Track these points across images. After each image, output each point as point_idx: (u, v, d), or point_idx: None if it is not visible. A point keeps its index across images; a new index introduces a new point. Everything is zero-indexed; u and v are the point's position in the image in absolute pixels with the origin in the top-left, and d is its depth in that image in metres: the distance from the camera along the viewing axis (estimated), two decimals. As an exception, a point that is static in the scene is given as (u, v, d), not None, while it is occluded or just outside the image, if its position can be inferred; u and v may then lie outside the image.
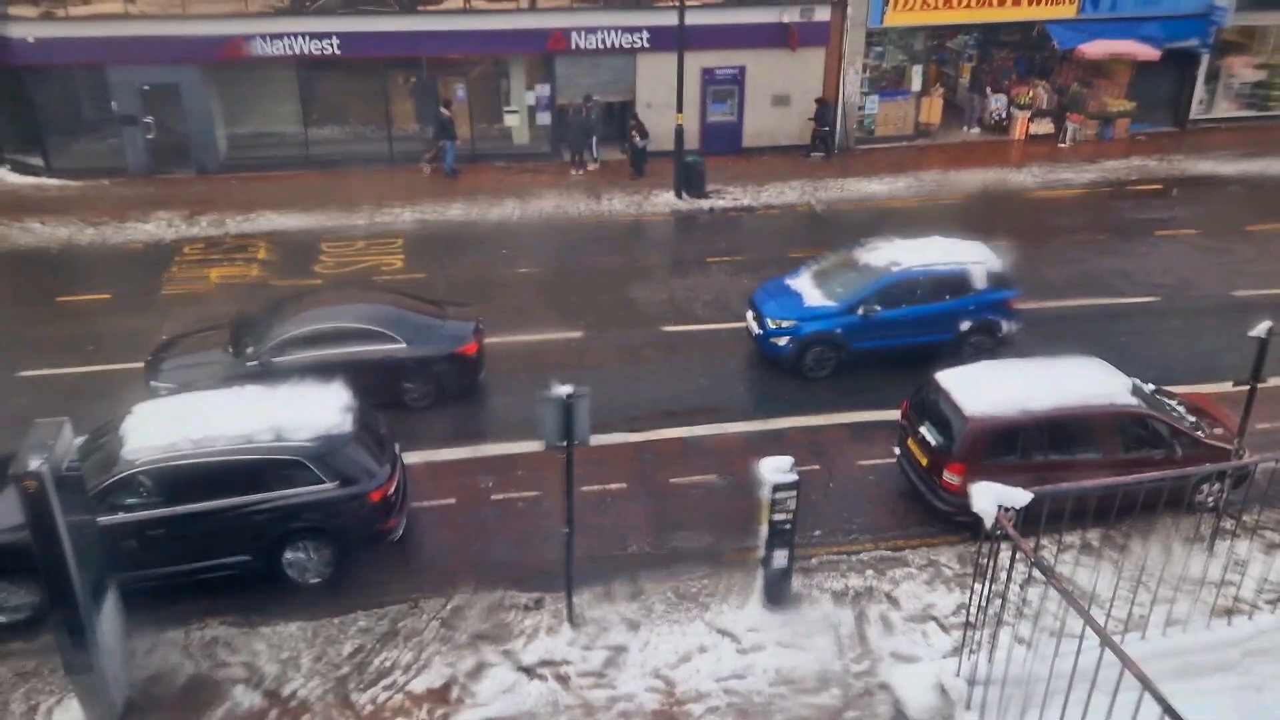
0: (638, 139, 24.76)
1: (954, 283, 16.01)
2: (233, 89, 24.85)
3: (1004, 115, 27.88)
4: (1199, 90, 28.14)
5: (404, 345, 14.73)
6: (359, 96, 25.60)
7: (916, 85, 27.32)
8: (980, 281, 15.98)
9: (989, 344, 16.09)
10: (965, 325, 15.96)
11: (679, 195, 23.51)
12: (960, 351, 15.93)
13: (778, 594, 11.17)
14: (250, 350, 14.49)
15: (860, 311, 15.71)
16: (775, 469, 10.74)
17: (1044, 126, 27.77)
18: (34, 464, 8.57)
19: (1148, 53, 26.21)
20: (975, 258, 16.19)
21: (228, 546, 11.30)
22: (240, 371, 14.11)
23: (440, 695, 10.16)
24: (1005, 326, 16.15)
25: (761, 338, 16.20)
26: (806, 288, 16.41)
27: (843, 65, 26.04)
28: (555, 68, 25.27)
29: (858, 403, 15.33)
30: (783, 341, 15.85)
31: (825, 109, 25.83)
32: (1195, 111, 28.38)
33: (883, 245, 16.78)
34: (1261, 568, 10.51)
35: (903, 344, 15.86)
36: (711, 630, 10.95)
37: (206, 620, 11.07)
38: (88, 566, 9.29)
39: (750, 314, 16.66)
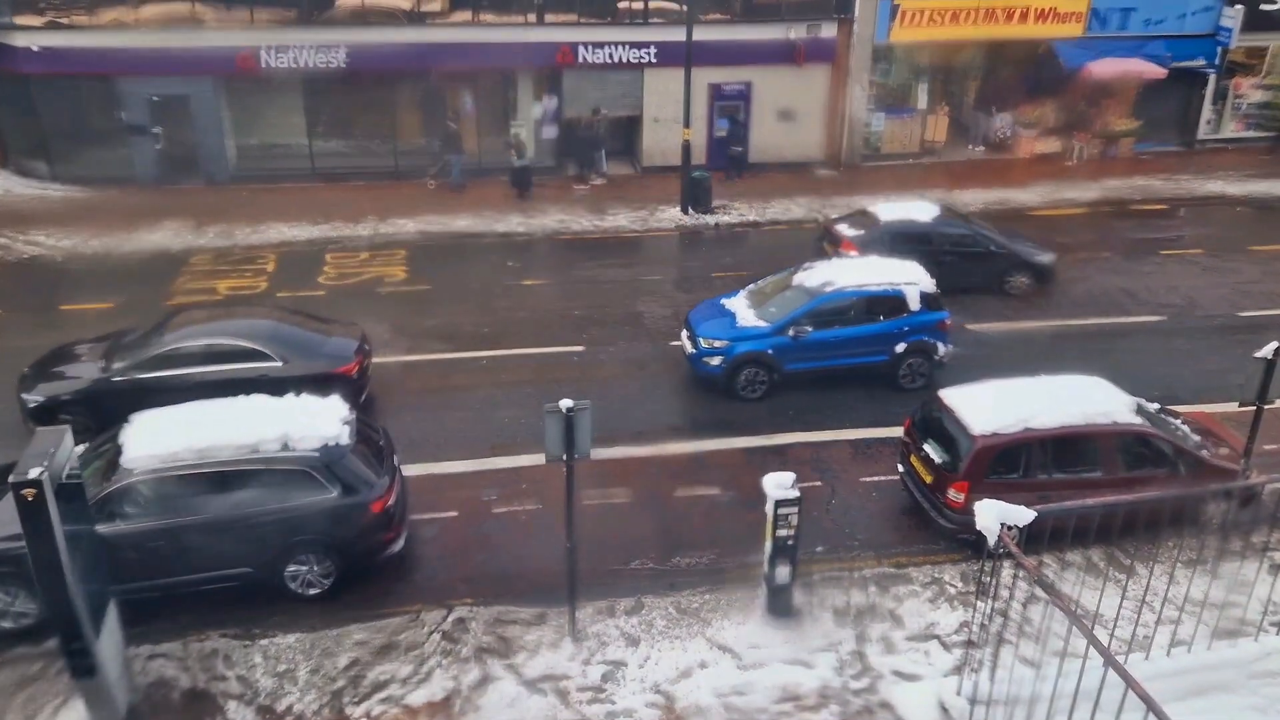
0: (515, 157, 24.31)
1: (887, 304, 15.90)
2: (242, 100, 24.96)
3: (1009, 134, 27.91)
4: (1206, 110, 28.16)
5: (279, 364, 14.17)
6: (366, 109, 25.71)
7: (923, 103, 27.38)
8: (914, 303, 15.88)
9: (926, 367, 16.04)
10: (900, 347, 15.86)
11: (685, 210, 23.55)
12: (896, 374, 15.94)
13: (780, 609, 11.12)
14: (119, 366, 14.12)
15: (791, 332, 15.60)
16: (778, 485, 10.72)
17: (1050, 145, 27.80)
18: (34, 472, 8.55)
19: (1153, 71, 26.25)
20: (909, 279, 16.06)
21: (230, 558, 11.27)
22: (106, 388, 13.82)
23: (441, 708, 10.11)
24: (942, 349, 16.06)
25: (694, 357, 16.00)
26: (741, 308, 16.28)
27: (849, 82, 26.12)
28: (563, 81, 25.36)
29: (850, 420, 15.32)
30: (715, 361, 15.70)
31: (736, 127, 25.63)
32: (1203, 131, 28.41)
33: (819, 265, 16.75)
34: (1266, 589, 10.45)
35: (837, 365, 15.80)
36: (712, 646, 10.90)
37: (206, 632, 11.04)
38: (87, 576, 9.26)
39: (685, 333, 16.45)
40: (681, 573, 12.14)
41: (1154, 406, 13.21)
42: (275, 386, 12.99)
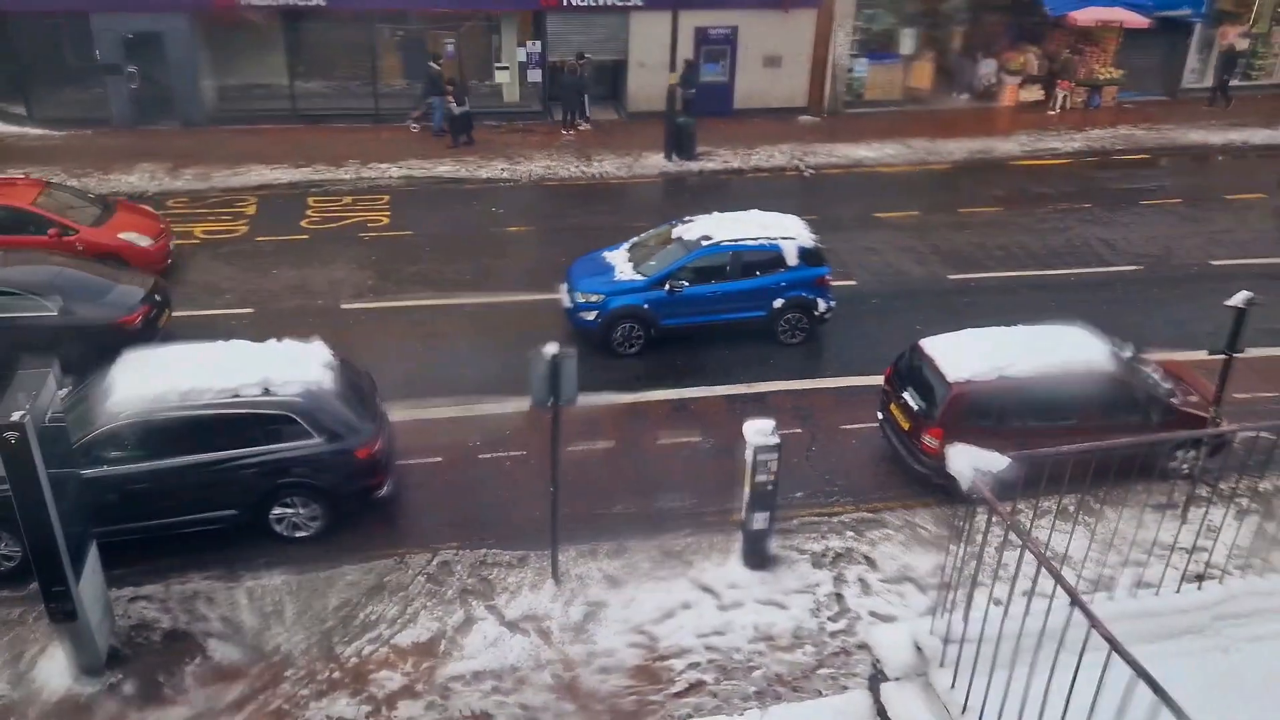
0: (454, 105, 23.61)
1: (765, 259, 15.71)
2: (219, 40, 24.49)
3: (994, 81, 27.78)
4: (1191, 59, 28.10)
5: (53, 312, 13.80)
6: (347, 50, 25.29)
7: (906, 49, 27.17)
8: (792, 258, 15.68)
9: (805, 322, 15.92)
10: (778, 302, 15.70)
11: (669, 157, 23.41)
12: (776, 329, 15.83)
13: (757, 554, 11.33)
14: None
15: (667, 286, 15.40)
16: (758, 432, 10.86)
17: (1033, 93, 27.70)
18: (16, 415, 8.54)
19: (1136, 20, 26.12)
20: (788, 234, 15.88)
21: (215, 501, 11.36)
22: None
23: (427, 648, 10.30)
24: (822, 304, 15.90)
25: (570, 311, 15.79)
26: (620, 261, 16.07)
27: (833, 27, 25.86)
28: (547, 25, 24.98)
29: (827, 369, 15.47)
30: (590, 316, 15.51)
31: (692, 72, 25.08)
32: (1188, 80, 28.36)
33: (700, 219, 16.45)
34: (1233, 534, 10.71)
35: (714, 320, 15.61)
36: (694, 586, 11.12)
37: (188, 574, 11.15)
38: (70, 520, 9.32)
39: (564, 286, 16.17)
40: (662, 517, 12.31)
41: (1129, 352, 13.35)
42: (50, 335, 12.85)
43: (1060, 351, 12.62)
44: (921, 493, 12.69)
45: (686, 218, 16.69)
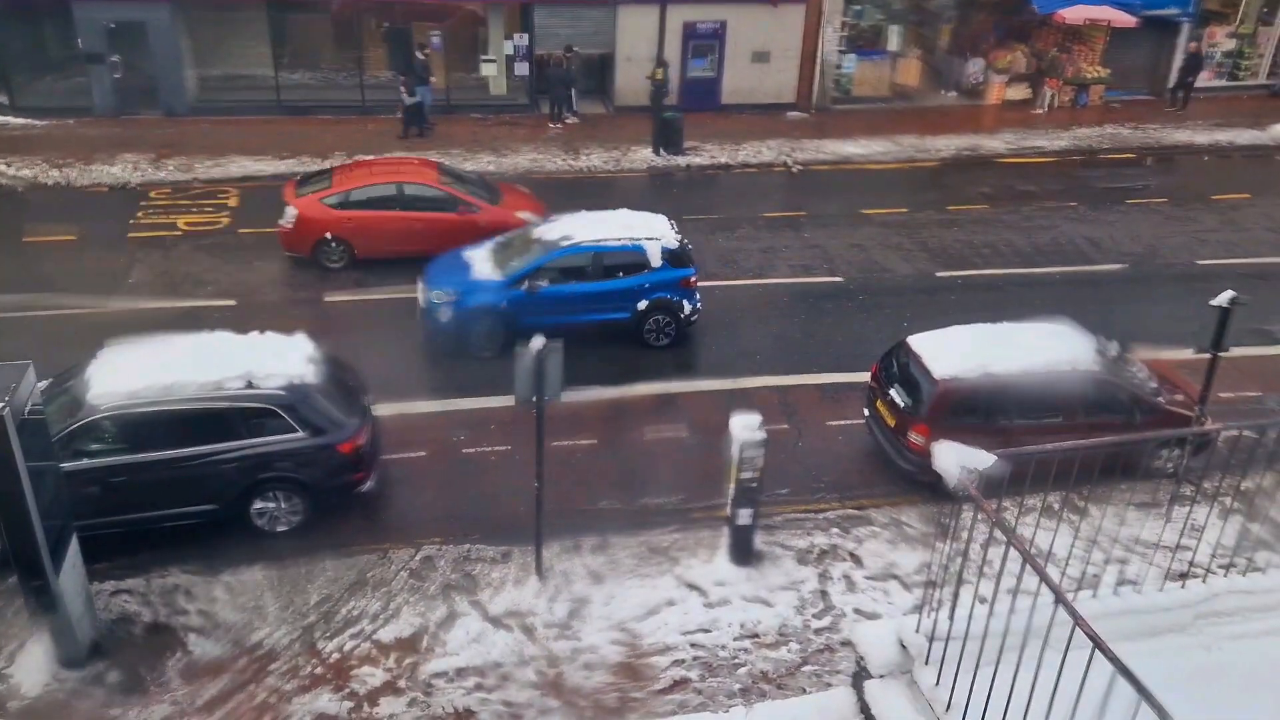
0: (405, 95, 23.26)
1: (627, 260, 15.39)
2: (202, 29, 24.29)
3: (981, 79, 27.83)
4: (1178, 59, 28.18)
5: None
6: (333, 41, 25.13)
7: (894, 45, 27.17)
8: (656, 259, 15.39)
9: (672, 325, 15.61)
10: (643, 304, 15.37)
11: (657, 152, 23.35)
12: (642, 332, 15.55)
13: (743, 550, 11.31)
14: None
15: (525, 286, 15.04)
16: (744, 427, 10.83)
17: (1020, 92, 27.75)
18: (-5, 406, 8.44)
19: (1124, 19, 26.20)
20: (652, 234, 15.55)
21: (196, 495, 11.27)
22: None
23: (410, 644, 10.24)
24: (688, 306, 15.59)
25: (425, 310, 15.27)
26: (480, 260, 15.66)
27: (822, 22, 25.84)
28: (534, 18, 24.87)
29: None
30: (445, 315, 15.01)
31: (666, 67, 24.92)
32: (1174, 80, 28.47)
33: (563, 218, 16.08)
34: (1216, 533, 10.76)
35: (576, 321, 14.87)
36: (675, 585, 11.09)
37: (168, 568, 11.05)
38: (50, 513, 9.21)
39: (421, 284, 15.60)
40: (648, 513, 12.28)
41: (1115, 350, 13.38)
42: None
43: (1046, 349, 12.64)
44: (907, 490, 12.69)
45: (552, 216, 16.25)
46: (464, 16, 25.46)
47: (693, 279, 15.74)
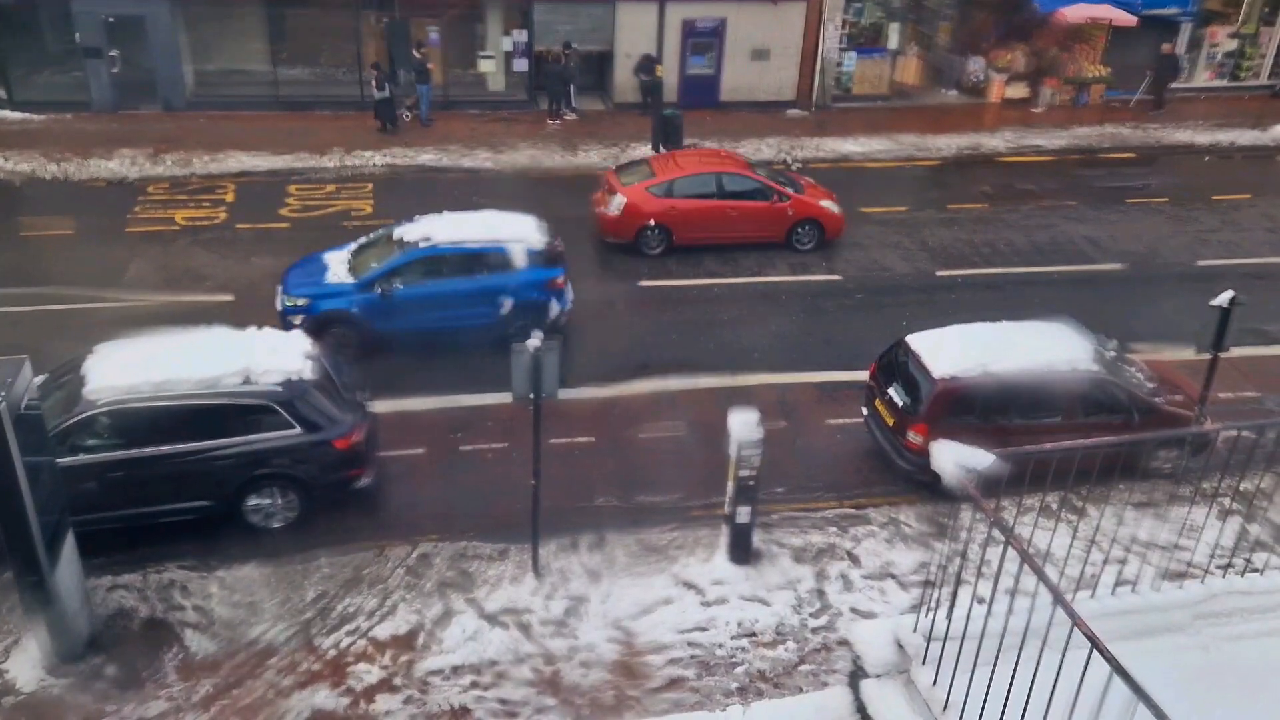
0: (376, 89, 23.11)
1: (488, 261, 14.93)
2: (201, 24, 24.23)
3: (982, 78, 27.80)
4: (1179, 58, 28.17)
5: None
6: (331, 37, 25.06)
7: (894, 43, 27.12)
8: (520, 260, 14.89)
9: (540, 327, 14.48)
10: (507, 306, 14.80)
11: (656, 149, 23.29)
12: (507, 334, 14.41)
13: (741, 549, 11.28)
14: None
15: (379, 289, 14.57)
16: (742, 425, 10.80)
17: (1020, 91, 27.71)
18: (-9, 402, 8.42)
19: (1124, 18, 26.18)
20: (516, 235, 15.10)
21: (191, 491, 11.24)
22: None
23: (406, 642, 10.21)
24: (555, 308, 15.09)
25: (281, 314, 14.70)
26: (337, 263, 15.20)
27: (822, 20, 25.80)
28: (533, 14, 24.82)
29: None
30: (297, 320, 14.34)
31: (649, 63, 24.88)
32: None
33: (425, 218, 15.54)
34: (1214, 533, 10.75)
35: (438, 326, 14.58)
36: (673, 583, 11.07)
37: (165, 563, 11.02)
38: (46, 508, 9.18)
39: (280, 288, 15.17)
40: (645, 510, 12.25)
41: (1113, 350, 13.37)
42: None
43: (1046, 349, 12.62)
44: (905, 489, 12.67)
45: (414, 216, 15.90)
46: (462, 12, 25.35)
47: (560, 280, 15.22)
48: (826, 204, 18.83)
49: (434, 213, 15.76)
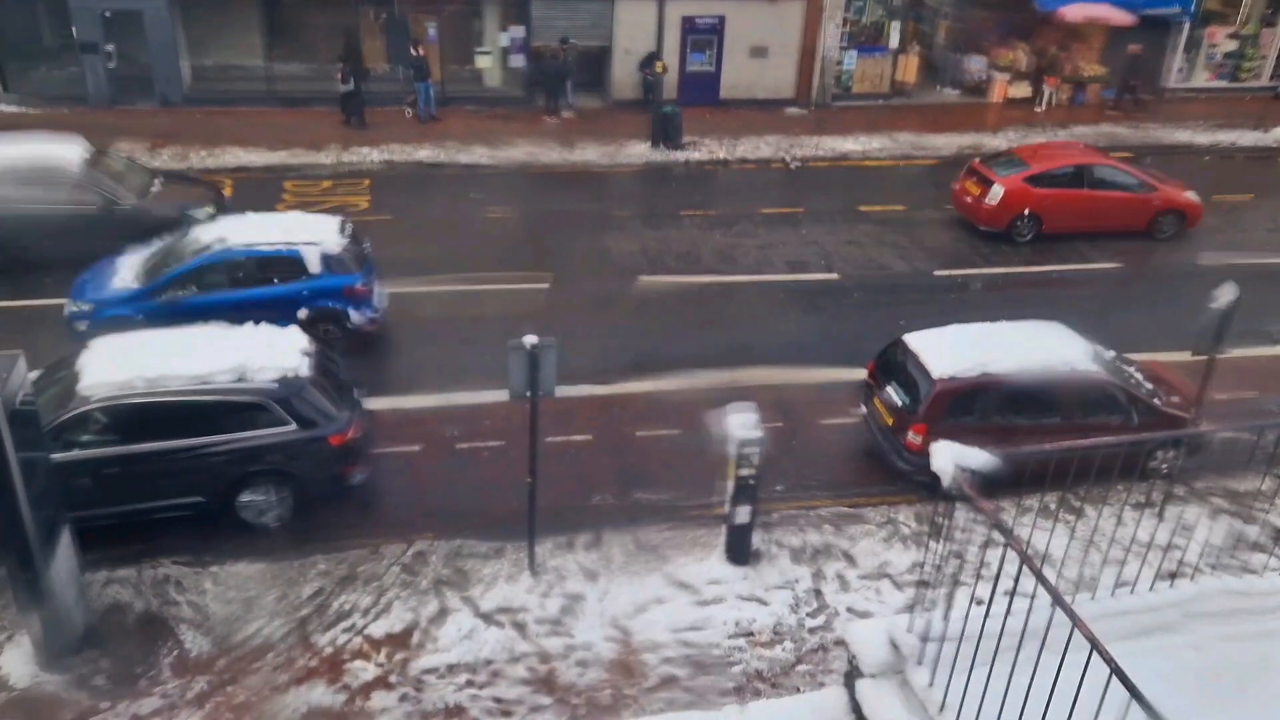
0: (341, 83, 23.03)
1: (282, 266, 14.35)
2: (198, 19, 24.17)
3: (983, 77, 27.76)
4: (1177, 58, 28.16)
5: None
6: (327, 32, 25.00)
7: (894, 42, 27.10)
8: (315, 265, 14.39)
9: (339, 335, 14.55)
10: (302, 313, 14.23)
11: (654, 146, 23.28)
12: None
13: (740, 549, 11.26)
14: None
15: (165, 296, 14.01)
16: (741, 424, 10.77)
17: (1022, 90, 27.69)
18: (-14, 397, 8.39)
19: (1123, 18, 26.17)
20: (313, 239, 14.59)
21: (186, 486, 11.21)
22: None
23: (401, 640, 10.19)
24: (355, 316, 14.59)
25: (68, 321, 14.17)
26: (127, 267, 14.65)
27: (822, 18, 25.76)
28: (531, 9, 24.76)
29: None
30: (82, 327, 13.77)
31: (649, 60, 24.87)
32: (1175, 80, 28.43)
33: (223, 221, 15.18)
34: (1206, 532, 10.76)
35: None
36: (670, 582, 11.04)
37: (159, 559, 10.99)
38: (40, 503, 9.15)
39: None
40: (641, 510, 12.22)
41: (1110, 354, 13.40)
42: None
43: (1044, 349, 12.62)
44: (902, 488, 12.65)
45: (214, 218, 15.63)
46: (460, 8, 25.30)
47: (359, 287, 14.64)
48: (1190, 195, 19.73)
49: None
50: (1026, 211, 19.24)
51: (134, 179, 17.28)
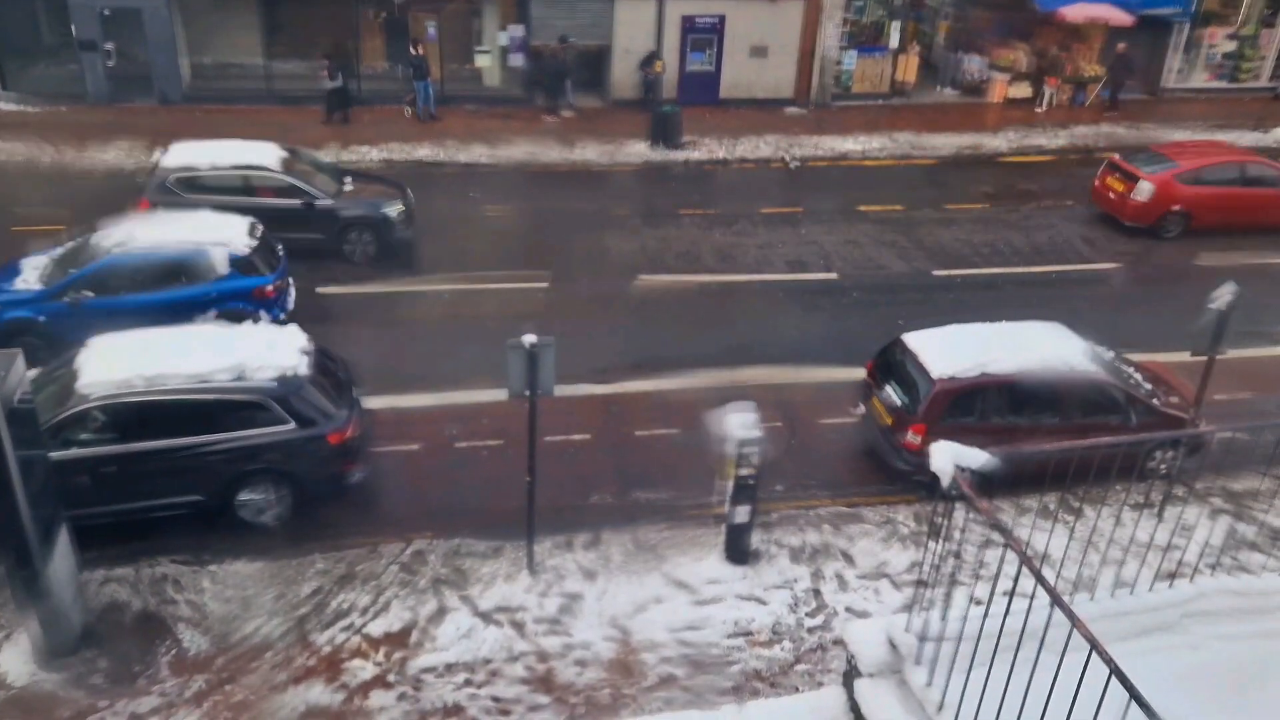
0: (328, 79, 22.99)
1: (187, 267, 14.09)
2: (197, 17, 24.16)
3: (983, 77, 27.76)
4: (1175, 59, 28.17)
5: None
6: (326, 31, 24.98)
7: (894, 42, 27.11)
8: (222, 266, 14.15)
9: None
10: (211, 315, 13.95)
11: (654, 145, 23.27)
12: None
13: (739, 548, 11.26)
14: None
15: (67, 298, 13.60)
16: (740, 424, 10.77)
17: (1022, 90, 27.69)
18: (-16, 396, 8.39)
19: (1122, 18, 26.18)
20: (221, 239, 14.34)
21: (184, 485, 11.20)
22: None
23: (399, 639, 10.19)
24: (266, 319, 14.27)
25: None
26: (32, 268, 14.31)
27: (822, 18, 25.77)
28: (530, 9, 24.76)
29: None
30: None
31: (650, 59, 24.87)
32: (1174, 80, 28.43)
33: (131, 220, 14.81)
34: (1205, 533, 10.77)
35: None
36: (669, 582, 11.04)
37: (157, 558, 10.98)
38: (38, 502, 9.15)
39: None
40: (640, 509, 12.23)
41: (1109, 354, 13.41)
42: None
43: (1043, 349, 12.62)
44: (900, 487, 12.65)
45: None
46: (459, 7, 25.30)
47: (269, 288, 14.43)
48: None
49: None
50: (1176, 208, 19.64)
51: (326, 178, 17.83)
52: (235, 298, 14.25)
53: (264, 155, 17.30)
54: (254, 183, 16.98)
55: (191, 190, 16.43)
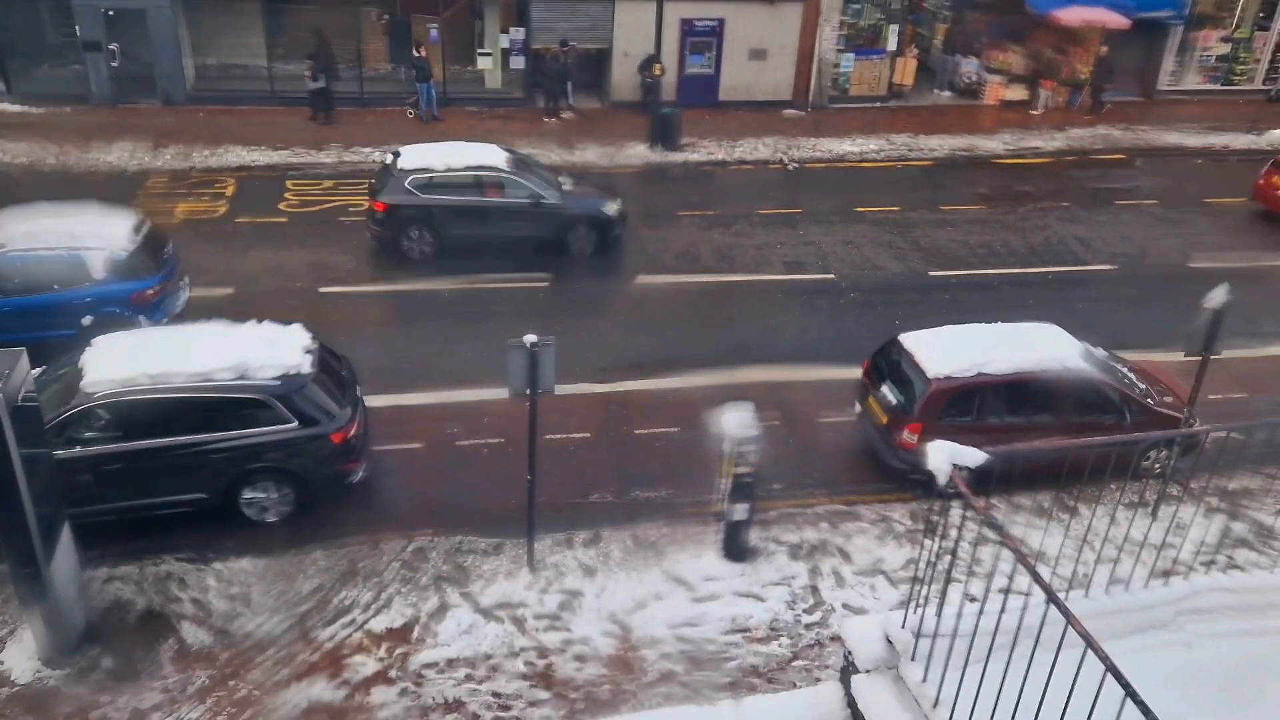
0: (309, 79, 23.16)
1: (63, 271, 13.56)
2: (201, 18, 24.23)
3: (978, 79, 27.86)
4: (1169, 61, 28.29)
5: None
6: (331, 33, 25.06)
7: (892, 45, 27.22)
8: (99, 270, 13.67)
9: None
10: (88, 321, 13.45)
11: (653, 147, 23.35)
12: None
13: (737, 546, 11.35)
14: None
15: None
16: (738, 423, 10.86)
17: (1017, 92, 27.81)
18: (-10, 394, 8.44)
19: (1118, 20, 26.30)
20: (98, 242, 13.83)
21: (186, 484, 11.28)
22: None
23: (401, 635, 10.27)
24: (141, 323, 13.79)
25: None
26: None
27: (820, 21, 25.87)
28: (531, 11, 24.85)
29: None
30: None
31: (649, 62, 24.89)
32: (1166, 83, 28.56)
33: (6, 222, 14.11)
34: (1199, 531, 10.86)
35: (8, 341, 12.71)
36: (668, 579, 11.13)
37: (161, 556, 11.05)
38: (42, 500, 9.22)
39: None
40: (639, 507, 12.31)
41: (1102, 353, 13.50)
42: None
43: (1038, 349, 12.71)
44: (896, 486, 12.75)
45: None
46: (461, 9, 25.38)
47: (150, 292, 13.94)
48: None
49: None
50: None
51: (548, 177, 18.53)
52: (111, 303, 13.72)
53: (492, 156, 18.05)
54: (485, 182, 17.68)
55: (428, 191, 17.34)
